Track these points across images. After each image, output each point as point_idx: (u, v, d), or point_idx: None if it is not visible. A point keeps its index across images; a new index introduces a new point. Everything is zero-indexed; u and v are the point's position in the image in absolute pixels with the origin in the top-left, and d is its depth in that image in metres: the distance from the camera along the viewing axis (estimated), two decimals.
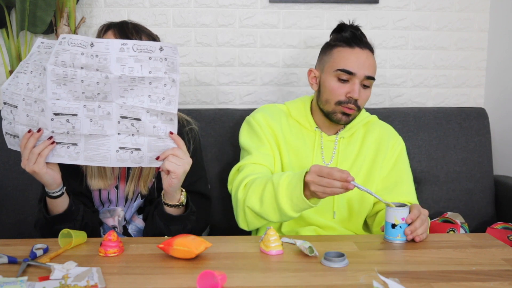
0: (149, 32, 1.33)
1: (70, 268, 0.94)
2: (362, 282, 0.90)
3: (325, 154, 1.48)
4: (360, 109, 1.44)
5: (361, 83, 1.39)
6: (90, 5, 2.05)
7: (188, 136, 1.39)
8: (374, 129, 1.53)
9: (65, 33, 1.91)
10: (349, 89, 1.39)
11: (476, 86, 2.19)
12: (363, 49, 1.41)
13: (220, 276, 0.86)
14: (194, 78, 2.12)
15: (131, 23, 1.30)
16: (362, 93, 1.40)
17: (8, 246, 1.10)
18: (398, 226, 1.13)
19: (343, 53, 1.40)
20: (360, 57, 1.39)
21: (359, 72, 1.38)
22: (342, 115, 1.41)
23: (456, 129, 1.91)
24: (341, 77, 1.39)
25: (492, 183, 1.91)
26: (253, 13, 2.08)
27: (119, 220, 1.35)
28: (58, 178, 1.18)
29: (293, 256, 1.04)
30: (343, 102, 1.39)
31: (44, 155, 1.12)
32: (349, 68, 1.38)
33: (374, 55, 1.45)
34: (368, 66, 1.40)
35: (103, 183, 1.31)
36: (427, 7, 2.11)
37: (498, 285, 0.89)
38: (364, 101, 1.43)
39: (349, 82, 1.39)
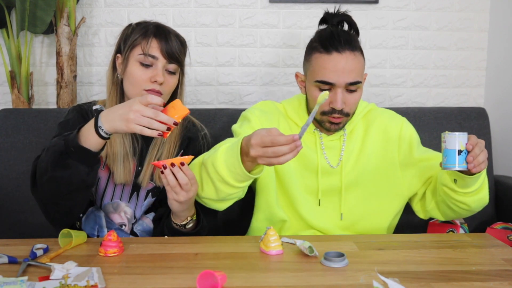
0: (184, 41, 1.38)
1: (70, 268, 0.94)
2: (362, 282, 0.90)
3: (328, 155, 1.39)
4: (350, 114, 1.33)
5: (345, 89, 1.28)
6: (90, 5, 2.05)
7: (203, 141, 1.42)
8: (374, 119, 1.43)
9: (65, 33, 1.92)
10: (332, 99, 1.28)
11: (476, 86, 2.19)
12: (342, 52, 1.26)
13: (220, 276, 0.86)
14: (194, 78, 2.12)
15: (173, 35, 1.32)
16: (347, 99, 1.29)
17: (8, 246, 1.10)
18: (463, 152, 1.12)
19: (320, 61, 1.28)
20: (338, 63, 1.26)
21: (338, 81, 1.26)
22: (331, 124, 1.32)
23: (456, 129, 1.91)
24: (322, 87, 1.29)
25: (492, 183, 1.91)
26: (253, 13, 2.08)
27: (128, 217, 1.35)
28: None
29: (293, 256, 1.04)
30: (327, 113, 1.30)
31: None
32: (327, 78, 1.27)
33: (358, 53, 1.30)
34: (349, 72, 1.26)
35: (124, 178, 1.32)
36: (427, 7, 2.11)
37: (498, 285, 0.89)
38: (352, 106, 1.32)
39: (331, 91, 1.28)
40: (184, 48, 1.37)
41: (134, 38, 1.30)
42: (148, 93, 1.26)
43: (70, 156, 1.10)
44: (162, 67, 1.29)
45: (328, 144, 1.40)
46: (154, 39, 1.29)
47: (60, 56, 1.93)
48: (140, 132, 1.06)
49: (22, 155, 1.73)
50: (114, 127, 1.08)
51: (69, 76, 1.94)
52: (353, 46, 1.28)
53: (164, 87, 1.30)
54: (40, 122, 1.75)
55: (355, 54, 1.28)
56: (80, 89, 2.09)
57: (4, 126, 1.75)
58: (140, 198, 1.36)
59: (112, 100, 1.34)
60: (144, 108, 1.06)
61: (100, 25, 2.06)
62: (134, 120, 1.05)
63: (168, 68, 1.30)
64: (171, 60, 1.30)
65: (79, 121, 1.32)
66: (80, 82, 2.08)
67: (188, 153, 1.39)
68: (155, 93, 1.27)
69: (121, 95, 1.35)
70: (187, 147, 1.40)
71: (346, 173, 1.38)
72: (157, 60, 1.28)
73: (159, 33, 1.30)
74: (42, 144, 1.72)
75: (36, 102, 2.07)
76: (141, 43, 1.29)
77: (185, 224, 1.24)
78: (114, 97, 1.34)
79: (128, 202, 1.36)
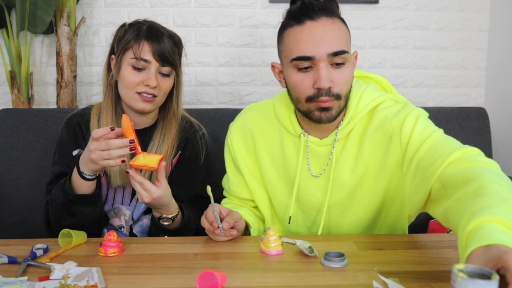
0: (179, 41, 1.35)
1: (70, 268, 0.94)
2: (362, 282, 0.90)
3: (312, 165, 1.20)
4: (342, 97, 1.09)
5: (329, 63, 1.06)
6: (90, 5, 2.05)
7: (201, 141, 1.41)
8: (376, 115, 1.15)
9: (65, 33, 1.92)
10: (315, 77, 1.06)
11: (476, 86, 2.19)
12: (317, 19, 1.05)
13: (220, 276, 0.86)
14: (194, 78, 2.12)
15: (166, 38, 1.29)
16: (334, 76, 1.06)
17: (8, 246, 1.10)
18: None
19: (293, 35, 1.07)
20: (315, 32, 1.04)
21: (318, 53, 1.04)
22: (321, 112, 1.09)
23: (456, 129, 1.91)
24: (300, 66, 1.07)
25: None
26: (253, 13, 2.08)
27: (126, 219, 1.35)
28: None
29: (293, 256, 1.04)
30: (313, 97, 1.07)
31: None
32: (303, 52, 1.04)
33: (338, 20, 1.08)
34: (329, 39, 1.04)
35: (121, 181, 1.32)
36: (427, 7, 2.11)
37: None
38: (342, 85, 1.08)
39: (313, 69, 1.07)
40: (179, 48, 1.35)
41: (127, 41, 1.29)
42: (140, 97, 1.27)
43: (72, 204, 1.19)
44: (155, 70, 1.28)
45: (316, 150, 1.19)
46: (146, 42, 1.26)
47: (60, 56, 1.93)
48: (108, 165, 1.11)
49: (22, 155, 1.73)
50: (91, 168, 1.14)
51: (69, 76, 1.94)
52: (329, 12, 1.07)
53: (158, 89, 1.29)
54: (40, 122, 1.75)
55: (334, 20, 1.06)
56: (80, 89, 2.09)
57: (4, 126, 1.75)
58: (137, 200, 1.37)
59: (108, 103, 1.34)
60: (98, 144, 1.09)
61: (100, 25, 2.06)
62: (97, 159, 1.10)
63: (161, 70, 1.29)
64: (164, 63, 1.28)
65: (72, 140, 1.34)
66: (80, 82, 2.08)
67: (186, 154, 1.39)
68: (148, 97, 1.28)
69: (117, 97, 1.35)
70: (184, 148, 1.39)
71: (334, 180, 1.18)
72: (150, 64, 1.27)
73: (151, 35, 1.28)
74: (42, 144, 1.73)
75: (36, 102, 2.07)
76: (133, 46, 1.27)
77: (160, 218, 1.23)
78: (109, 99, 1.34)
79: (129, 205, 1.37)
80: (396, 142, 1.12)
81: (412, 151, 1.08)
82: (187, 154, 1.40)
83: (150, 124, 1.39)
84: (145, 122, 1.38)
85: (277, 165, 1.26)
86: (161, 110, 1.40)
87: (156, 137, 1.36)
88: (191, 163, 1.40)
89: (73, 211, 1.20)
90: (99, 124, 1.34)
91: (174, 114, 1.39)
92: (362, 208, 1.20)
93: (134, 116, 1.35)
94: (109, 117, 1.33)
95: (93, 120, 1.35)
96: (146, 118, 1.38)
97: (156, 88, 1.28)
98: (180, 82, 1.40)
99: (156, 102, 1.31)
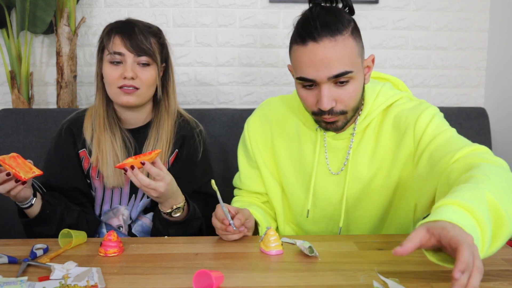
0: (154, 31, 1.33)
1: (70, 268, 0.94)
2: (362, 282, 0.90)
3: (331, 160, 1.21)
4: (348, 111, 1.11)
5: (333, 83, 1.07)
6: (90, 5, 2.05)
7: (199, 138, 1.41)
8: (393, 110, 1.18)
9: (65, 33, 1.92)
10: (318, 97, 1.08)
11: (476, 86, 2.19)
12: (320, 40, 1.03)
13: (216, 276, 0.86)
14: (194, 78, 2.12)
15: (137, 28, 1.29)
16: (338, 94, 1.08)
17: (8, 246, 1.10)
18: None
19: (297, 55, 1.08)
20: (315, 55, 1.04)
21: (318, 77, 1.05)
22: (327, 124, 1.13)
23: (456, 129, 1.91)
24: (304, 85, 1.10)
25: None
26: (253, 13, 2.08)
27: (124, 219, 1.35)
28: (29, 195, 1.17)
29: (293, 256, 1.04)
30: (317, 113, 1.11)
31: None
32: (305, 75, 1.07)
33: (343, 37, 1.05)
34: (329, 63, 1.04)
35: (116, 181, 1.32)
36: (427, 7, 2.11)
37: (498, 285, 0.89)
38: (348, 100, 1.09)
39: (316, 88, 1.08)
40: (157, 37, 1.33)
41: (101, 40, 1.32)
42: (122, 90, 1.27)
43: (32, 226, 1.22)
44: (132, 62, 1.27)
45: (333, 145, 1.21)
46: (117, 35, 1.27)
47: (60, 56, 1.93)
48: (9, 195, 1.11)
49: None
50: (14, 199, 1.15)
51: (69, 76, 1.94)
52: (333, 29, 1.04)
53: (139, 81, 1.28)
54: (40, 122, 1.75)
55: (337, 39, 1.04)
56: (80, 89, 2.09)
57: (4, 126, 1.75)
58: (137, 199, 1.36)
59: (99, 105, 1.35)
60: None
61: (100, 25, 2.06)
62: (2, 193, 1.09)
63: (139, 61, 1.28)
64: (139, 52, 1.27)
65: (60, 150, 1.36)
66: (80, 82, 2.08)
67: (183, 153, 1.38)
68: (129, 89, 1.27)
69: (108, 98, 1.34)
70: (181, 147, 1.39)
71: (350, 175, 1.20)
72: (125, 56, 1.27)
73: (122, 28, 1.29)
74: (42, 144, 1.72)
75: (36, 102, 2.07)
76: (107, 43, 1.29)
77: (170, 212, 1.22)
78: (100, 101, 1.35)
79: (127, 205, 1.36)
80: (410, 136, 1.14)
81: (424, 144, 1.11)
82: (185, 153, 1.39)
83: (145, 122, 1.39)
84: (139, 120, 1.38)
85: (294, 159, 1.27)
86: (155, 107, 1.39)
87: (152, 135, 1.35)
88: (188, 161, 1.39)
89: (36, 231, 1.22)
90: (92, 126, 1.34)
91: (166, 109, 1.37)
92: (376, 200, 1.22)
93: (127, 114, 1.35)
94: (102, 118, 1.33)
95: (87, 122, 1.35)
96: (140, 115, 1.37)
97: (136, 80, 1.27)
98: (170, 76, 1.38)
99: (139, 94, 1.30)
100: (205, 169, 1.43)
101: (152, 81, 1.31)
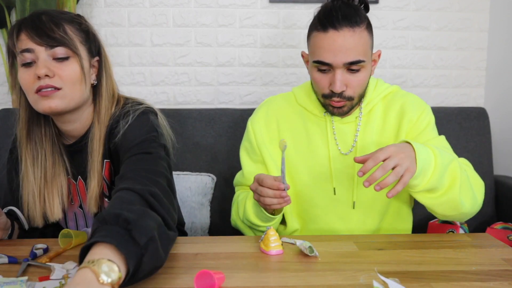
0: (70, 16, 1.10)
1: (70, 268, 0.94)
2: (362, 282, 0.90)
3: (340, 142, 1.29)
4: (355, 98, 1.22)
5: (346, 69, 1.18)
6: (90, 5, 2.05)
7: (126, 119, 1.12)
8: (395, 101, 1.30)
9: None
10: (331, 80, 1.19)
11: (476, 86, 2.19)
12: (340, 29, 1.16)
13: (218, 277, 0.86)
14: (194, 78, 2.12)
15: (45, 15, 1.05)
16: (349, 80, 1.19)
17: (8, 246, 1.10)
18: None
19: (317, 40, 1.19)
20: (334, 42, 1.16)
21: (335, 61, 1.16)
22: (333, 108, 1.23)
23: (456, 129, 1.91)
24: (320, 68, 1.20)
25: (492, 183, 1.91)
26: (253, 13, 2.08)
27: None
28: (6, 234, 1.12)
29: (293, 256, 1.04)
30: (328, 96, 1.21)
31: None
32: (323, 58, 1.17)
33: (360, 29, 1.18)
34: (347, 50, 1.16)
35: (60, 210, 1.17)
36: (427, 7, 2.11)
37: (498, 285, 0.89)
38: (356, 88, 1.21)
39: (331, 72, 1.19)
40: (77, 24, 1.09)
41: (9, 43, 1.07)
42: (39, 94, 1.04)
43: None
44: (46, 57, 1.04)
45: (341, 129, 1.30)
46: (23, 31, 1.04)
47: None
48: None
49: None
50: None
51: None
52: (352, 21, 1.17)
53: (57, 79, 1.04)
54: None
55: (355, 30, 1.16)
56: None
57: (4, 126, 1.75)
58: None
59: (22, 122, 1.16)
60: None
61: (100, 25, 2.06)
62: None
63: (54, 55, 1.04)
64: (50, 43, 1.03)
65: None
66: None
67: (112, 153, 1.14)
68: (46, 90, 1.03)
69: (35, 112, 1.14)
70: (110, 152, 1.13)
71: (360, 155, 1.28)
72: (35, 52, 1.03)
73: (27, 21, 1.04)
74: None
75: None
76: (15, 44, 1.04)
77: None
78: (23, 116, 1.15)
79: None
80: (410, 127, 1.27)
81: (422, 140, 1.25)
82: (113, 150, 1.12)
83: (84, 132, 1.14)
84: (78, 131, 1.15)
85: (299, 149, 1.32)
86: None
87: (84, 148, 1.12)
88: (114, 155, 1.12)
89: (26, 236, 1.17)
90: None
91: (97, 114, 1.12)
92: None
93: (63, 125, 1.14)
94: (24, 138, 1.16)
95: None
96: (78, 125, 1.14)
97: (54, 78, 1.04)
98: (103, 73, 1.14)
99: (63, 95, 1.05)
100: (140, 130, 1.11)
101: (76, 77, 1.06)
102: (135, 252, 0.77)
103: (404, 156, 1.01)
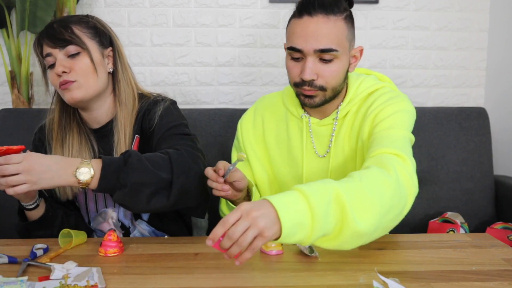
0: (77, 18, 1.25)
1: (70, 268, 0.94)
2: (362, 282, 0.90)
3: (317, 144, 1.27)
4: (328, 89, 1.17)
5: (318, 58, 1.14)
6: (90, 5, 2.05)
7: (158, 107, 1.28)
8: (368, 101, 1.24)
9: None
10: (302, 68, 1.16)
11: (476, 86, 2.19)
12: (314, 15, 1.12)
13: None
14: (194, 78, 2.12)
15: (56, 23, 1.22)
16: (321, 70, 1.15)
17: (8, 246, 1.10)
18: None
19: (291, 26, 1.17)
20: (307, 27, 1.12)
21: (305, 47, 1.13)
22: (305, 98, 1.19)
23: (456, 129, 1.91)
24: (293, 55, 1.17)
25: (492, 183, 1.91)
26: (253, 13, 2.08)
27: (113, 222, 1.29)
28: (35, 194, 1.16)
29: (293, 256, 1.04)
30: (298, 84, 1.18)
31: None
32: (294, 44, 1.14)
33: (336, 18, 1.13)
34: (317, 37, 1.12)
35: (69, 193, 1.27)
36: (427, 7, 2.11)
37: (498, 285, 0.89)
38: (328, 78, 1.16)
39: (303, 60, 1.16)
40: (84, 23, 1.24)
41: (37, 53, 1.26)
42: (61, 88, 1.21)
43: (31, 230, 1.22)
44: (62, 57, 1.20)
45: (318, 131, 1.27)
46: (42, 41, 1.22)
47: None
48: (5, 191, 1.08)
49: None
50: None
51: None
52: (328, 10, 1.13)
53: (72, 73, 1.19)
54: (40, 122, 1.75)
55: (329, 18, 1.13)
56: None
57: (4, 126, 1.75)
58: None
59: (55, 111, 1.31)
60: None
61: None
62: None
63: (68, 53, 1.20)
64: (62, 44, 1.19)
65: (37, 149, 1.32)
66: None
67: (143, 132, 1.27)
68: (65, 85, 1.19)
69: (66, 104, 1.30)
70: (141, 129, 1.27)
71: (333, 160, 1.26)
72: (53, 55, 1.20)
73: (43, 32, 1.22)
74: None
75: (36, 102, 2.07)
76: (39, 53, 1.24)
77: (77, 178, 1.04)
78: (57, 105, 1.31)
79: (114, 207, 1.30)
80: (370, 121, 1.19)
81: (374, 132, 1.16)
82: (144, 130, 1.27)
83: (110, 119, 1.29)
84: (102, 117, 1.29)
85: (282, 148, 1.32)
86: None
87: (112, 131, 1.25)
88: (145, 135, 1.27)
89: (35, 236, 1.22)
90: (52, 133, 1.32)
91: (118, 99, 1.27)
92: None
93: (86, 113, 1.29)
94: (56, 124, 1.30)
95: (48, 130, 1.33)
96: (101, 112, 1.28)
97: (70, 73, 1.19)
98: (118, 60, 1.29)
99: (79, 86, 1.20)
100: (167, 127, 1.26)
101: (87, 69, 1.21)
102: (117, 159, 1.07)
103: (258, 215, 0.80)
